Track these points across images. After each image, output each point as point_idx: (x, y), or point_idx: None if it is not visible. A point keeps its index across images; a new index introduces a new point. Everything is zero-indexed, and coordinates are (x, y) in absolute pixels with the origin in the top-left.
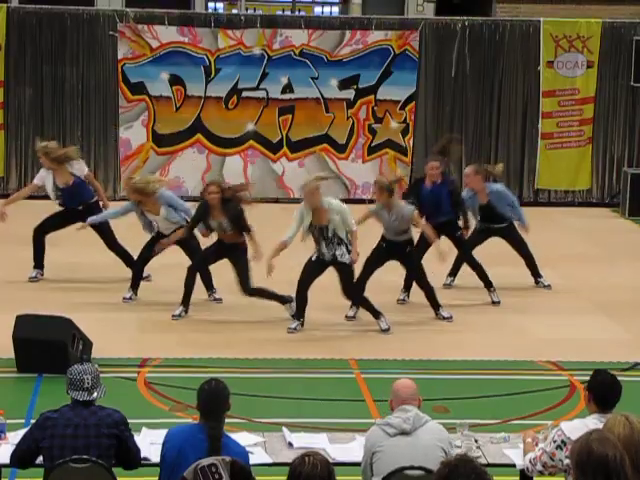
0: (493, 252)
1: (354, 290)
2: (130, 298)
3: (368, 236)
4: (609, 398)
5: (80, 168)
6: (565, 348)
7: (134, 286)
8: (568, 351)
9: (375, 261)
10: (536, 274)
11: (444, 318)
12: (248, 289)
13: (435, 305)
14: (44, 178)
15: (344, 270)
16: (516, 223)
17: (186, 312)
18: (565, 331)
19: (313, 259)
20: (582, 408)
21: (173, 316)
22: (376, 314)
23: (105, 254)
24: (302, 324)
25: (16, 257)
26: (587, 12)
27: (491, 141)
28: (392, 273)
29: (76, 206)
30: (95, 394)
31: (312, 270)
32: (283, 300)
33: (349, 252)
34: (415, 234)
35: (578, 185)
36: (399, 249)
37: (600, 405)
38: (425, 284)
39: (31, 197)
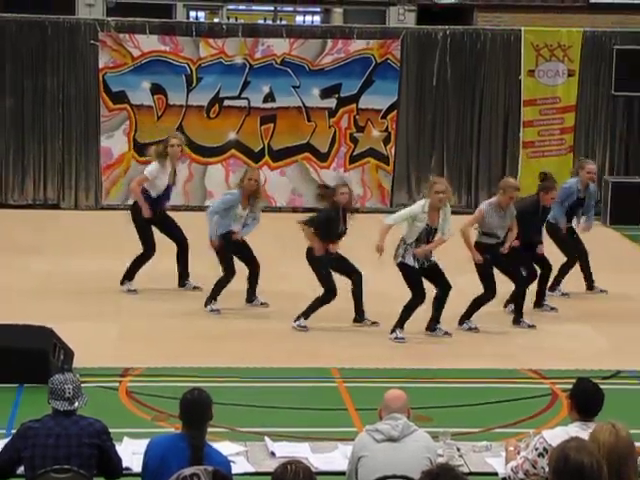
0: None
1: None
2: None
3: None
4: (591, 406)
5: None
6: (547, 356)
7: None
8: (550, 359)
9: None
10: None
11: (470, 328)
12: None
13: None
14: (158, 173)
15: (438, 269)
16: None
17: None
18: (547, 339)
19: (415, 267)
20: (564, 416)
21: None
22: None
23: (86, 263)
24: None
25: None
26: (568, 21)
27: (472, 150)
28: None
29: (163, 209)
30: (76, 404)
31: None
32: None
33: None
34: None
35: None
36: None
37: (582, 413)
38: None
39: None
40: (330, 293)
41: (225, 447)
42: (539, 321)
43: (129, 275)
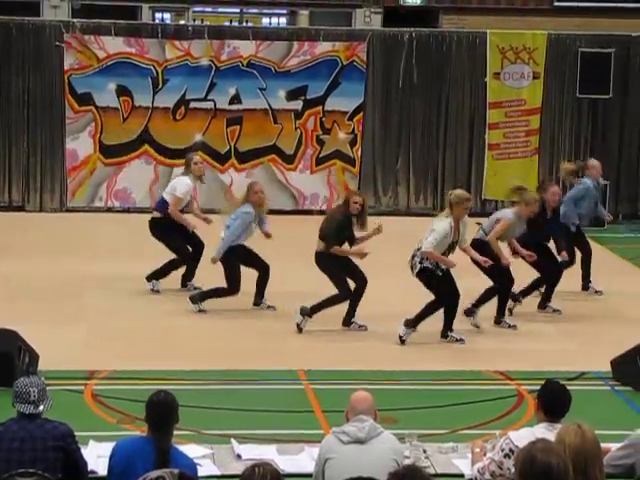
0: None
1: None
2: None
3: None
4: (558, 408)
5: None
6: (513, 358)
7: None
8: (516, 361)
9: None
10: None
11: (509, 326)
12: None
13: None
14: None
15: (450, 276)
16: None
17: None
18: (513, 341)
19: (437, 272)
20: (530, 417)
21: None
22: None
23: (51, 265)
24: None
25: None
26: (533, 24)
27: (438, 151)
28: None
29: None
30: (41, 407)
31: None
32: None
33: None
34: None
35: None
36: None
37: (549, 414)
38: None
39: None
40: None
41: (191, 450)
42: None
43: (157, 275)
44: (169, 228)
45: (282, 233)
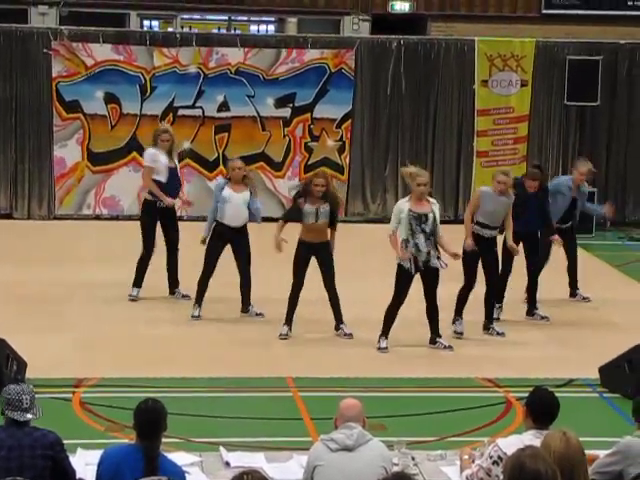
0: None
1: (436, 302)
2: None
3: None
4: (546, 415)
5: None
6: (501, 365)
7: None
8: (504, 368)
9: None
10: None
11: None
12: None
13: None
14: (154, 155)
15: (435, 276)
16: None
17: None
18: (501, 348)
19: (410, 271)
20: (518, 425)
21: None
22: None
23: (39, 273)
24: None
25: None
26: (521, 31)
27: (427, 159)
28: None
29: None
30: (30, 415)
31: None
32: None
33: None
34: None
35: None
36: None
37: (537, 421)
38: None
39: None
40: None
41: (180, 457)
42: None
43: (137, 282)
44: (152, 214)
45: (271, 240)
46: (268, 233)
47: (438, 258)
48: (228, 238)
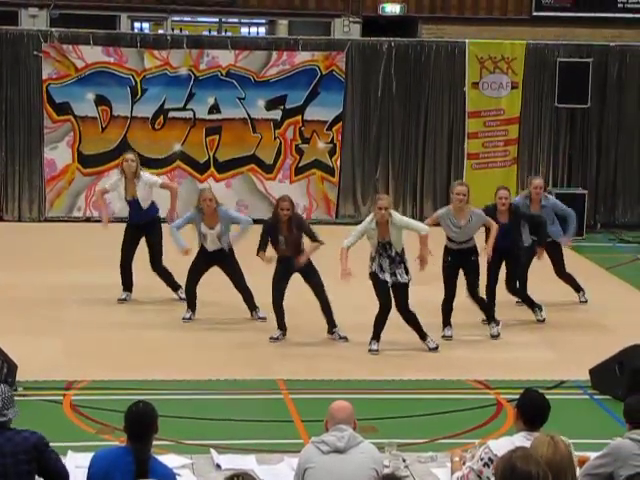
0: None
1: (409, 311)
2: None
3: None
4: (537, 417)
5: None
6: (492, 366)
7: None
8: (495, 370)
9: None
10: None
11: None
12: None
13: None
14: (116, 182)
15: (404, 289)
16: None
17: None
18: (492, 350)
19: (385, 280)
20: (509, 426)
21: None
22: (423, 334)
23: (30, 275)
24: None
25: None
26: (511, 34)
27: (417, 161)
28: None
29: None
30: (5, 417)
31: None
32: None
33: (407, 272)
34: None
35: None
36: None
37: (528, 423)
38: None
39: None
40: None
41: (170, 460)
42: (485, 331)
43: (125, 285)
44: (130, 230)
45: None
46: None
47: (407, 272)
48: (213, 260)
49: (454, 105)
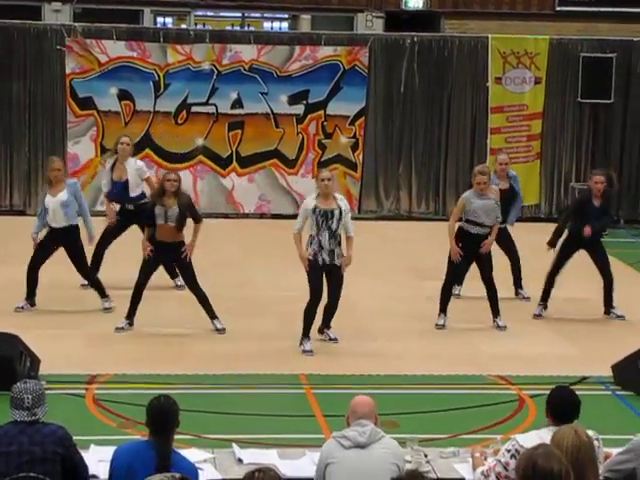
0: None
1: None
2: (23, 308)
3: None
4: (566, 413)
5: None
6: (514, 362)
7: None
8: (517, 365)
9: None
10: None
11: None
12: (199, 288)
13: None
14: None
15: (340, 275)
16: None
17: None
18: (514, 346)
19: (318, 263)
20: (531, 422)
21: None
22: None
23: (52, 270)
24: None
25: None
26: (534, 29)
27: (440, 156)
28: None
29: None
30: (29, 415)
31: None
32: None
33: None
34: None
35: (526, 200)
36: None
37: (557, 419)
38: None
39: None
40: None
41: (192, 454)
42: (508, 327)
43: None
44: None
45: (284, 237)
46: (282, 230)
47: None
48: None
49: (477, 100)
